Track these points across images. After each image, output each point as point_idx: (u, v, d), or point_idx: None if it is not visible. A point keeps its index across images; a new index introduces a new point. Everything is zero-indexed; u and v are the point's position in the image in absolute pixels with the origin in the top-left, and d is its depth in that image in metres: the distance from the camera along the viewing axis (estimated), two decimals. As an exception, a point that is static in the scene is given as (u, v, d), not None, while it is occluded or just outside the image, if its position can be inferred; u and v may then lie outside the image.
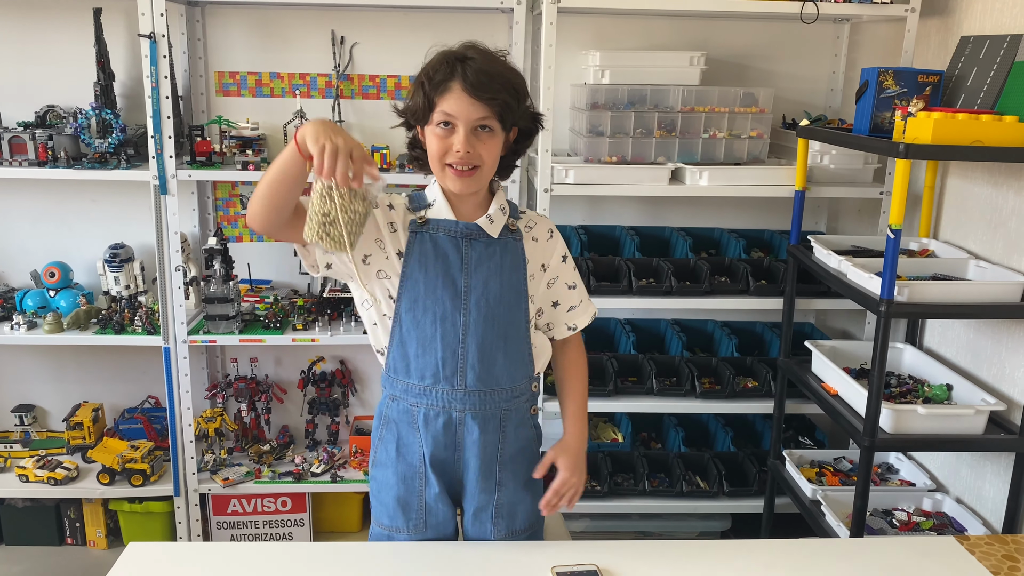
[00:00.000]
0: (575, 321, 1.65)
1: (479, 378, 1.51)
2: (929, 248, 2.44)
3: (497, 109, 1.41)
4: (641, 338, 2.96)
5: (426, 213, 1.51)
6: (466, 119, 1.40)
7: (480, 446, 1.53)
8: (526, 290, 1.54)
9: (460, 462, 1.56)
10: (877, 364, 1.98)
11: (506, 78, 1.43)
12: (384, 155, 2.70)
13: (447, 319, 1.48)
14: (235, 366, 3.11)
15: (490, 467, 1.56)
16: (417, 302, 1.48)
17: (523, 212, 1.59)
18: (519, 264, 1.54)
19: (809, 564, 1.47)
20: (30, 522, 2.92)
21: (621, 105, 2.63)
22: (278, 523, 2.95)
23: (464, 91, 1.39)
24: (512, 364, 1.54)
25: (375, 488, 1.61)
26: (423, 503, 1.56)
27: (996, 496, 2.24)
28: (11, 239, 2.96)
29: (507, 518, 1.59)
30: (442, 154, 1.43)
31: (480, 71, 1.39)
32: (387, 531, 1.59)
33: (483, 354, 1.50)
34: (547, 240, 1.59)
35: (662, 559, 1.50)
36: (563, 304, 1.63)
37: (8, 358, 3.05)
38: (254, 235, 3.03)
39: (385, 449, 1.58)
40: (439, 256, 1.49)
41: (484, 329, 1.50)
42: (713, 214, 3.06)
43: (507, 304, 1.52)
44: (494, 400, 1.53)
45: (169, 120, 2.54)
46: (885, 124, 2.20)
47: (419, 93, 1.43)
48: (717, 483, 2.76)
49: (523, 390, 1.57)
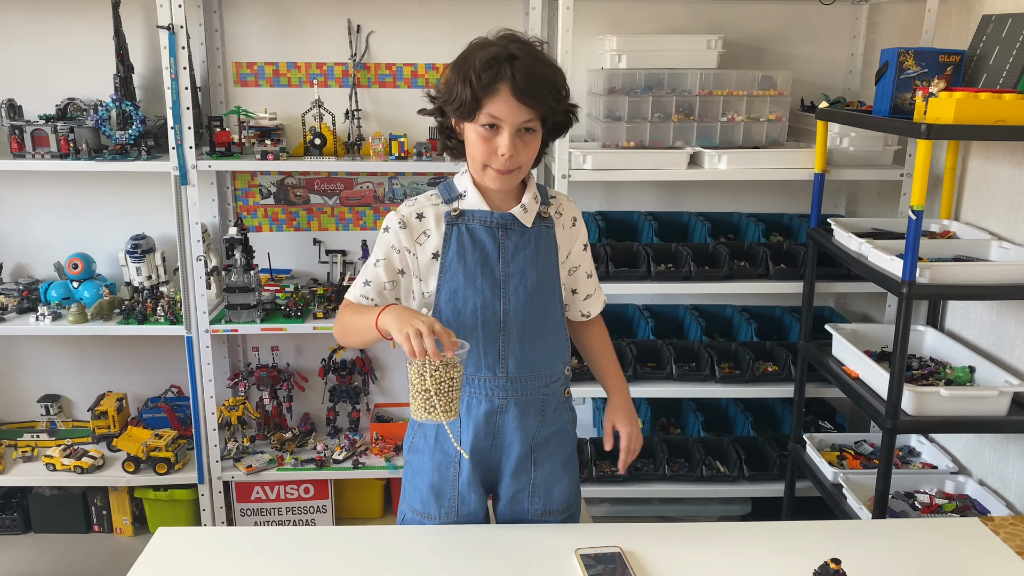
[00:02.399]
0: (589, 309, 1.67)
1: (520, 365, 1.52)
2: (951, 230, 2.42)
3: (542, 112, 1.41)
4: (659, 324, 2.96)
5: (459, 204, 1.51)
6: (512, 122, 1.40)
7: (521, 431, 1.55)
8: (559, 276, 1.57)
9: (498, 450, 1.57)
10: (899, 346, 1.97)
11: (552, 80, 1.42)
12: (402, 143, 2.71)
13: (487, 308, 1.50)
14: (256, 355, 3.14)
15: (528, 450, 1.57)
16: (457, 293, 1.49)
17: (553, 196, 1.59)
18: (552, 251, 1.56)
19: (833, 546, 1.47)
20: (58, 510, 2.97)
21: (638, 90, 2.63)
22: (301, 510, 2.98)
23: (513, 95, 1.37)
24: (550, 350, 1.56)
25: (409, 473, 1.63)
26: (456, 491, 1.58)
27: (1020, 478, 2.23)
28: (35, 231, 2.99)
29: (544, 497, 1.61)
30: (487, 156, 1.43)
31: (528, 75, 1.38)
32: (419, 516, 1.61)
33: (524, 341, 1.52)
34: (571, 227, 1.60)
35: (683, 541, 1.51)
36: (580, 292, 1.65)
37: (33, 349, 3.09)
38: (273, 225, 3.05)
39: (424, 436, 1.59)
40: (477, 247, 1.50)
41: (524, 317, 1.51)
42: (732, 198, 3.05)
43: (544, 291, 1.53)
44: (534, 386, 1.55)
45: (188, 111, 2.55)
46: (905, 105, 2.18)
47: (465, 89, 1.39)
48: (737, 467, 2.76)
49: (559, 374, 1.59)
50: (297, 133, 2.85)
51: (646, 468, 2.78)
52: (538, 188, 1.56)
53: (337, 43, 2.88)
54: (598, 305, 1.69)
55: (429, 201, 1.53)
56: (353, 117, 2.84)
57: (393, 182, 3.02)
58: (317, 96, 2.78)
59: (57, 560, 2.84)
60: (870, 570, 1.39)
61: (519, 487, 1.59)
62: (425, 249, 1.51)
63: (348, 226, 3.06)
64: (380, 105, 2.94)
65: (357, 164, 2.71)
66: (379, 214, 3.05)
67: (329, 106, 2.80)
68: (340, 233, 3.06)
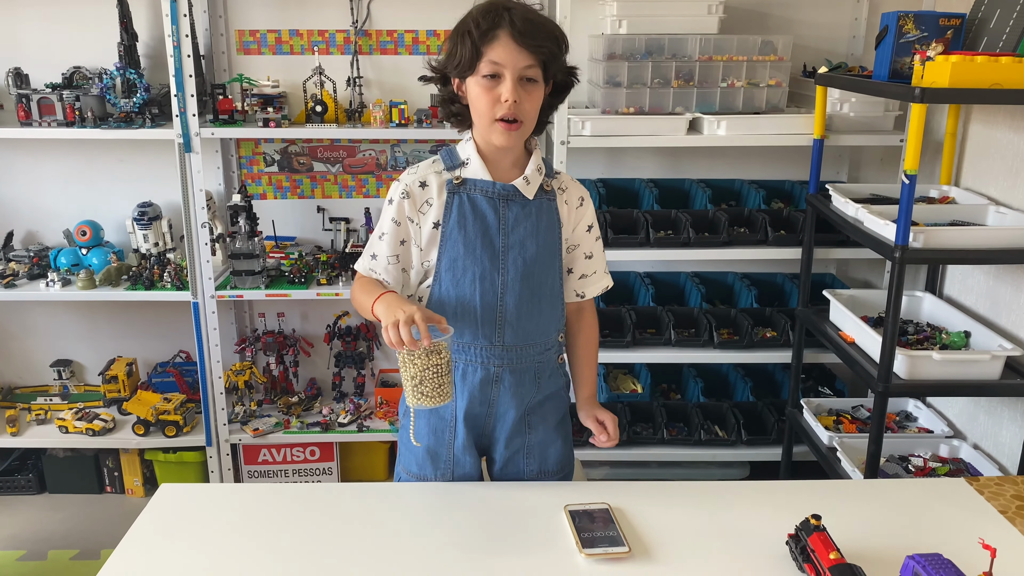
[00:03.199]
0: (584, 289, 1.66)
1: (516, 335, 1.55)
2: (950, 196, 2.42)
3: (542, 58, 1.42)
4: (660, 291, 2.98)
5: (462, 172, 1.53)
6: (513, 67, 1.41)
7: (516, 398, 1.58)
8: (560, 249, 1.58)
9: (493, 416, 1.60)
10: (891, 310, 1.99)
11: (550, 27, 1.45)
12: (402, 110, 2.72)
13: (486, 278, 1.51)
14: (263, 321, 3.19)
15: (523, 415, 1.61)
16: (456, 261, 1.51)
17: (558, 173, 1.60)
18: (554, 224, 1.56)
19: (817, 504, 1.50)
20: (71, 471, 3.04)
21: (638, 55, 2.62)
22: (307, 472, 3.04)
23: (512, 38, 1.39)
24: (546, 320, 1.58)
25: (405, 437, 1.66)
26: (451, 454, 1.61)
27: (1012, 441, 2.25)
28: (44, 199, 3.04)
29: (539, 459, 1.65)
30: (491, 106, 1.43)
31: (526, 19, 1.41)
32: (414, 478, 1.65)
33: (520, 312, 1.54)
34: (577, 207, 1.60)
35: (670, 499, 1.54)
36: (576, 272, 1.64)
37: (45, 315, 3.15)
38: (278, 192, 3.08)
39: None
40: (477, 217, 1.51)
41: (521, 288, 1.53)
42: (733, 165, 3.05)
43: (543, 264, 1.55)
44: (529, 355, 1.57)
45: (191, 79, 2.58)
46: (905, 70, 2.17)
47: (464, 43, 1.42)
48: (735, 432, 2.79)
49: (553, 342, 1.62)
50: (299, 101, 2.87)
51: (645, 432, 2.82)
52: (544, 162, 1.57)
53: (339, 10, 2.88)
54: (596, 288, 1.66)
55: (431, 168, 1.54)
56: (354, 84, 2.85)
57: (395, 150, 3.04)
58: (318, 63, 2.79)
59: (70, 519, 2.92)
60: (852, 526, 1.41)
61: (514, 450, 1.63)
62: (427, 219, 1.52)
63: (351, 194, 3.09)
64: (381, 72, 2.95)
65: (357, 131, 2.72)
66: (382, 182, 3.07)
67: (331, 73, 2.81)
68: (343, 201, 3.09)
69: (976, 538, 1.27)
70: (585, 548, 1.35)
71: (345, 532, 1.41)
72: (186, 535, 1.40)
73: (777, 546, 1.37)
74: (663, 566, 1.33)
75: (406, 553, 1.35)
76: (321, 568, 1.31)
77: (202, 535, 1.40)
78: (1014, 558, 1.36)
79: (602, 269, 1.66)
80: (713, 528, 1.44)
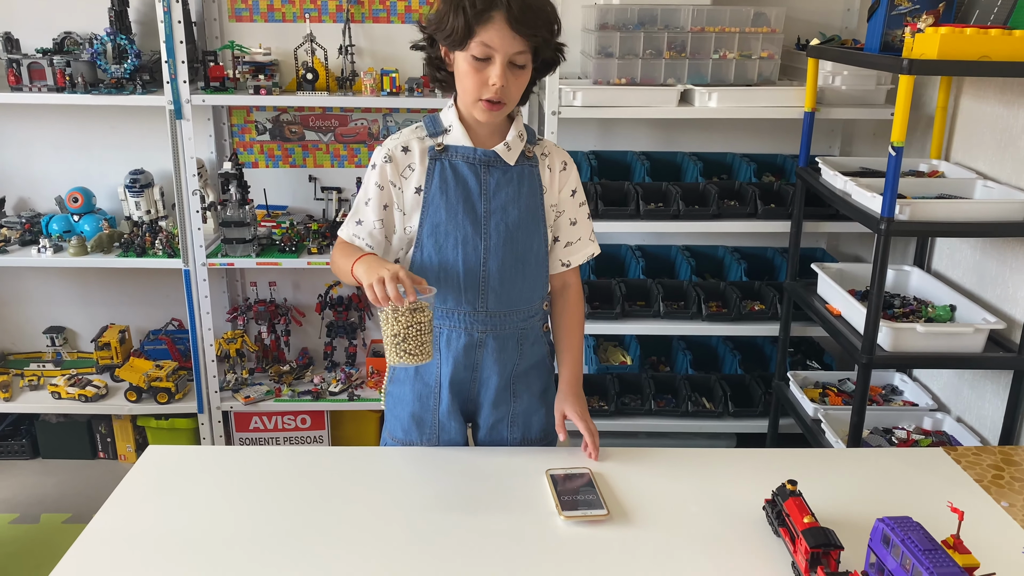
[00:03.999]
0: (570, 258, 1.64)
1: (499, 300, 1.55)
2: (939, 169, 2.42)
3: (535, 44, 1.41)
4: (651, 264, 2.99)
5: (444, 139, 1.53)
6: (505, 52, 1.39)
7: (500, 364, 1.59)
8: (544, 215, 1.57)
9: (477, 382, 1.61)
10: (876, 283, 2.00)
11: (546, 12, 1.41)
12: (393, 78, 2.71)
13: (468, 243, 1.52)
14: (255, 290, 3.20)
15: (507, 382, 1.62)
16: (439, 227, 1.52)
17: (540, 139, 1.60)
18: (536, 190, 1.56)
19: (796, 471, 1.51)
20: (64, 437, 3.07)
21: (631, 25, 2.61)
22: (298, 439, 3.07)
23: (507, 23, 1.36)
24: (529, 286, 1.58)
25: (391, 403, 1.68)
26: (436, 420, 1.63)
27: (994, 414, 2.27)
28: (36, 165, 3.03)
29: (522, 427, 1.66)
30: (477, 87, 1.42)
31: (524, 4, 1.37)
32: (399, 443, 1.66)
33: (503, 277, 1.54)
34: (560, 171, 1.59)
35: (651, 465, 1.56)
36: (562, 239, 1.63)
37: (38, 281, 3.16)
38: (269, 161, 3.08)
39: (404, 367, 1.63)
40: (459, 182, 1.51)
41: (504, 253, 1.53)
42: (726, 138, 3.04)
43: (525, 229, 1.55)
44: (512, 321, 1.58)
45: (182, 45, 2.56)
46: (896, 42, 2.16)
47: (458, 16, 1.37)
48: (722, 404, 2.81)
49: (537, 309, 1.62)
50: (291, 69, 2.85)
51: (633, 403, 2.84)
52: (526, 128, 1.57)
53: (331, -23, 2.87)
54: (581, 255, 1.64)
55: (414, 134, 1.54)
56: (346, 53, 2.84)
57: (387, 119, 3.04)
58: (310, 31, 2.78)
59: (63, 484, 2.95)
60: (828, 492, 1.44)
61: (498, 417, 1.64)
62: (409, 183, 1.53)
63: (343, 163, 3.08)
64: (373, 40, 2.93)
65: (348, 99, 2.72)
66: (373, 151, 3.06)
67: (323, 41, 2.80)
68: (335, 170, 3.09)
69: (948, 501, 1.29)
70: (565, 511, 1.37)
71: (330, 495, 1.43)
72: (172, 497, 1.42)
73: (754, 511, 1.39)
74: (640, 529, 1.35)
75: (388, 515, 1.37)
76: (305, 529, 1.33)
77: (188, 497, 1.42)
78: (985, 523, 1.39)
79: (587, 235, 1.65)
80: (692, 493, 1.46)
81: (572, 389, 1.64)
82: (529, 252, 1.57)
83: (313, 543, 1.29)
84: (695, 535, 1.34)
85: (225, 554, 1.27)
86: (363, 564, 1.25)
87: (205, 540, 1.30)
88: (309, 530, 1.33)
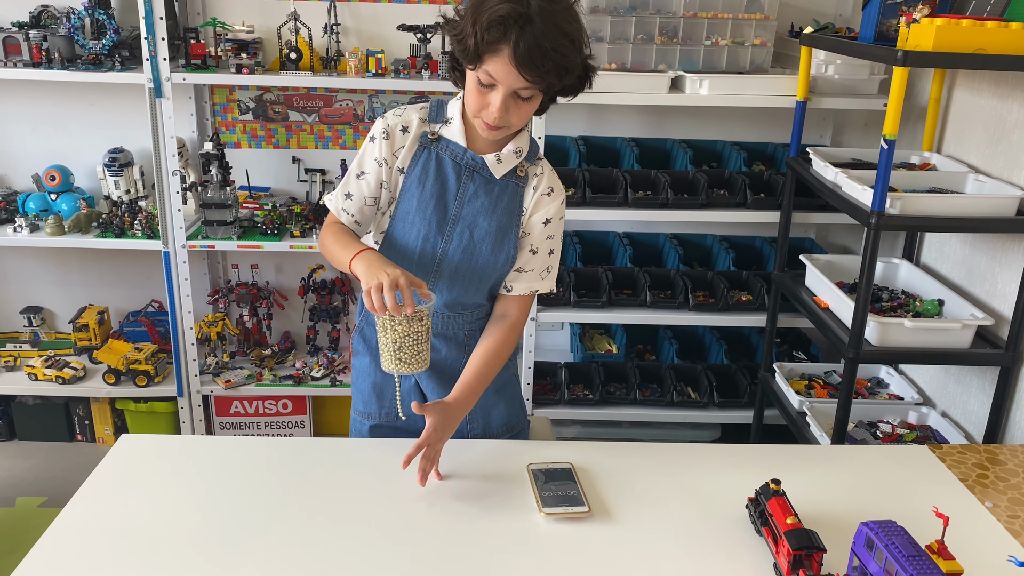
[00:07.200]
0: (514, 284, 1.54)
1: (445, 303, 1.53)
2: (930, 162, 2.40)
3: (541, 85, 1.35)
4: (639, 252, 2.96)
5: (441, 129, 1.48)
6: (507, 86, 1.34)
7: (444, 362, 1.56)
8: (515, 236, 1.51)
9: (431, 376, 1.59)
10: (865, 277, 1.98)
11: (560, 55, 1.31)
12: (379, 59, 2.66)
13: (428, 241, 1.49)
14: (236, 272, 3.15)
15: (452, 380, 1.54)
16: (408, 215, 1.49)
17: (540, 159, 1.54)
18: (514, 210, 1.50)
19: (779, 468, 1.50)
20: (41, 419, 3.02)
21: (622, 9, 2.57)
22: (279, 424, 3.04)
23: (511, 62, 1.30)
24: (480, 295, 1.55)
25: (354, 376, 1.67)
26: (396, 392, 1.58)
27: (980, 410, 2.26)
28: (12, 142, 2.97)
29: (482, 422, 1.64)
30: (478, 108, 1.38)
31: (534, 45, 1.28)
32: (361, 416, 1.65)
33: (454, 283, 1.51)
34: (544, 195, 1.52)
35: (634, 459, 1.53)
36: (516, 263, 1.54)
37: (15, 260, 3.10)
38: (252, 141, 3.02)
39: (362, 338, 1.63)
40: (439, 178, 1.47)
41: (459, 262, 1.49)
42: (716, 126, 3.01)
43: (489, 244, 1.50)
44: (457, 322, 1.56)
45: (162, 21, 2.50)
46: (890, 32, 2.14)
47: (471, 36, 1.31)
48: (708, 394, 2.80)
49: (487, 311, 1.58)
50: (274, 47, 2.79)
51: (618, 392, 2.82)
52: (532, 142, 1.51)
53: (317, -46, 2.80)
54: (522, 286, 1.54)
55: (417, 115, 1.49)
56: (331, 32, 2.78)
57: (373, 100, 2.98)
58: (293, 9, 2.71)
59: (40, 466, 2.90)
60: (812, 491, 1.42)
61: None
62: (397, 162, 1.49)
63: (327, 144, 3.03)
64: (360, 20, 2.87)
65: (332, 80, 2.66)
66: (359, 133, 3.01)
67: (307, 20, 2.74)
68: (319, 152, 3.03)
69: (933, 505, 1.27)
70: (545, 507, 1.34)
71: (307, 487, 1.40)
72: (144, 486, 1.39)
73: (737, 509, 1.37)
74: (620, 527, 1.33)
75: (366, 509, 1.34)
76: (278, 523, 1.30)
77: (160, 486, 1.39)
78: (970, 526, 1.37)
79: (540, 270, 1.55)
80: (675, 490, 1.44)
81: (456, 406, 1.47)
82: (488, 267, 1.51)
83: (287, 537, 1.27)
84: (677, 533, 1.32)
85: (196, 546, 1.24)
86: (341, 557, 1.22)
87: (175, 532, 1.27)
88: (282, 524, 1.30)
